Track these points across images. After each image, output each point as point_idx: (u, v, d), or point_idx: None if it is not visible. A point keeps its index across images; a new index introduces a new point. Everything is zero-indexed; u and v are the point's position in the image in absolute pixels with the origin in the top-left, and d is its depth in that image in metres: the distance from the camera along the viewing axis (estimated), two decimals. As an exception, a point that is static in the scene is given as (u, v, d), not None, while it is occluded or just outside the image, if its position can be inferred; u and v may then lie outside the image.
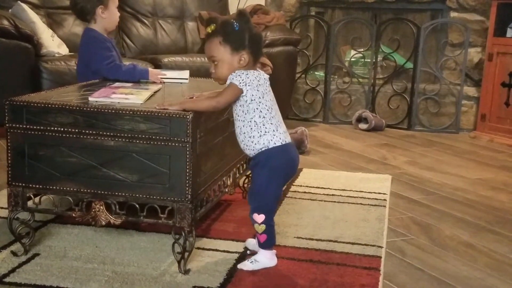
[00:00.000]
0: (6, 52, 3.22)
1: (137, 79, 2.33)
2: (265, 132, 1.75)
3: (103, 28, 2.48)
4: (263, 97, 1.74)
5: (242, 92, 1.72)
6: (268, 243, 1.81)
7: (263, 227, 1.78)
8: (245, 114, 1.75)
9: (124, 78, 2.31)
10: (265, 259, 1.82)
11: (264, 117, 1.74)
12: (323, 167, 3.12)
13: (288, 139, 1.79)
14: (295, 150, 1.83)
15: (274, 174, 1.77)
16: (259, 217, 1.77)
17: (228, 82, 1.74)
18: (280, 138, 1.76)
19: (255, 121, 1.75)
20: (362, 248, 1.99)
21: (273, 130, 1.75)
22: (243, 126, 1.76)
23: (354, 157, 3.39)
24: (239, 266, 1.80)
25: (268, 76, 1.83)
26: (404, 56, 4.43)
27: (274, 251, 1.85)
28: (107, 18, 2.48)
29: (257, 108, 1.74)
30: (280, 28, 4.00)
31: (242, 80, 1.72)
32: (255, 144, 1.76)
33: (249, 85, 1.72)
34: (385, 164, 3.26)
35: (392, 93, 4.36)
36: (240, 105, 1.75)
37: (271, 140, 1.75)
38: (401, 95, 4.34)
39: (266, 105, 1.75)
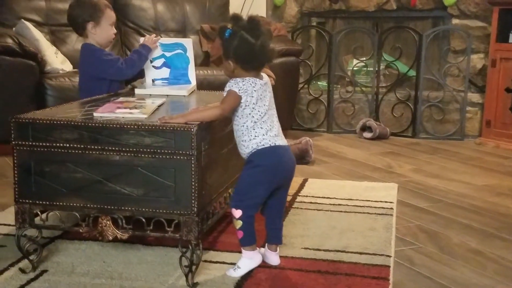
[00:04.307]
0: (11, 70, 3.25)
1: (148, 56, 2.46)
2: (255, 136, 1.79)
3: (96, 43, 2.50)
4: (256, 103, 1.78)
5: (242, 99, 1.77)
6: (245, 241, 1.83)
7: (239, 223, 1.80)
8: (239, 118, 1.80)
9: (142, 65, 2.46)
10: (246, 260, 1.84)
11: (255, 122, 1.78)
12: (328, 176, 3.12)
13: (279, 142, 1.81)
14: (287, 154, 1.84)
15: (258, 173, 1.79)
16: (236, 212, 1.80)
17: (226, 89, 1.79)
18: (269, 141, 1.79)
19: (247, 126, 1.79)
20: (370, 258, 1.98)
21: (263, 134, 1.79)
22: (237, 130, 1.82)
23: (359, 166, 3.38)
24: (226, 272, 1.83)
25: (267, 81, 1.85)
26: (406, 64, 4.44)
27: (257, 250, 1.86)
28: (97, 35, 2.48)
29: (249, 114, 1.78)
30: (282, 39, 4.01)
31: (240, 87, 1.77)
32: (246, 147, 1.81)
33: (245, 92, 1.77)
34: (390, 172, 3.25)
35: (396, 101, 4.35)
36: (235, 111, 1.80)
37: (260, 143, 1.79)
38: (405, 103, 4.33)
39: (259, 111, 1.79)
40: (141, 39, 2.56)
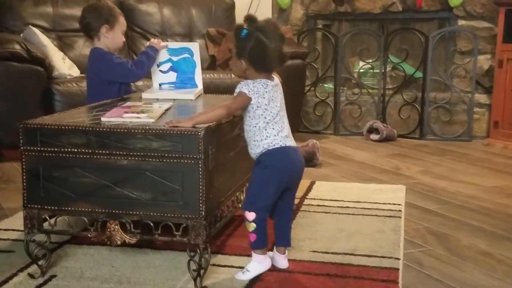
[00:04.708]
0: (19, 75, 3.26)
1: (156, 56, 2.50)
2: (267, 136, 1.80)
3: (107, 47, 2.54)
4: (269, 104, 1.79)
5: (251, 100, 1.78)
6: (257, 244, 1.83)
7: (253, 225, 1.80)
8: (251, 119, 1.81)
9: (151, 65, 2.51)
10: (256, 264, 1.84)
11: (267, 122, 1.79)
12: (336, 179, 3.11)
13: (289, 143, 1.82)
14: (296, 155, 1.84)
15: (269, 173, 1.79)
16: (250, 215, 1.80)
17: (237, 90, 1.80)
18: (280, 141, 1.80)
19: (259, 127, 1.80)
20: (379, 261, 1.97)
21: (274, 135, 1.80)
22: (249, 130, 1.83)
23: (367, 168, 3.37)
24: (235, 275, 1.83)
25: (278, 82, 1.85)
26: (413, 66, 4.43)
27: (267, 254, 1.86)
28: (109, 39, 2.54)
29: (261, 115, 1.79)
30: (288, 42, 3.96)
31: (251, 89, 1.78)
32: (257, 147, 1.81)
33: (256, 93, 1.78)
34: (398, 174, 3.24)
35: (403, 103, 4.34)
36: (247, 111, 1.81)
37: (271, 143, 1.80)
38: (412, 104, 4.32)
39: (271, 112, 1.80)
40: (148, 43, 2.58)
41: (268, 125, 1.79)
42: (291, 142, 1.83)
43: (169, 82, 2.52)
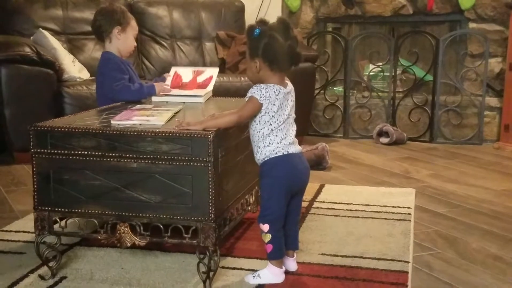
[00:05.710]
0: (29, 78, 3.29)
1: (146, 96, 2.42)
2: (269, 143, 1.78)
3: (118, 50, 2.55)
4: (277, 112, 1.77)
5: (263, 106, 1.76)
6: (274, 254, 1.81)
7: (268, 236, 1.79)
8: (256, 124, 1.79)
9: (134, 98, 2.39)
10: (270, 274, 1.81)
11: (272, 130, 1.78)
12: (345, 182, 3.10)
13: (293, 150, 1.80)
14: (300, 162, 1.83)
15: (275, 184, 1.78)
16: (264, 227, 1.80)
17: (248, 95, 1.78)
18: (282, 149, 1.78)
19: (263, 132, 1.78)
20: (388, 264, 1.97)
21: (277, 142, 1.78)
22: (253, 135, 1.82)
23: (376, 171, 3.36)
24: (245, 277, 1.83)
25: (291, 89, 1.84)
26: (423, 69, 4.41)
27: (283, 269, 1.84)
28: (121, 41, 2.55)
29: (268, 121, 1.77)
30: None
31: (263, 94, 1.75)
32: (260, 154, 1.80)
33: (267, 99, 1.75)
34: (408, 177, 3.23)
35: (413, 106, 4.33)
36: (254, 116, 1.79)
37: (273, 151, 1.78)
38: (422, 107, 4.31)
39: (278, 119, 1.78)
40: (167, 78, 2.57)
41: (272, 132, 1.78)
42: (294, 148, 1.81)
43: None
